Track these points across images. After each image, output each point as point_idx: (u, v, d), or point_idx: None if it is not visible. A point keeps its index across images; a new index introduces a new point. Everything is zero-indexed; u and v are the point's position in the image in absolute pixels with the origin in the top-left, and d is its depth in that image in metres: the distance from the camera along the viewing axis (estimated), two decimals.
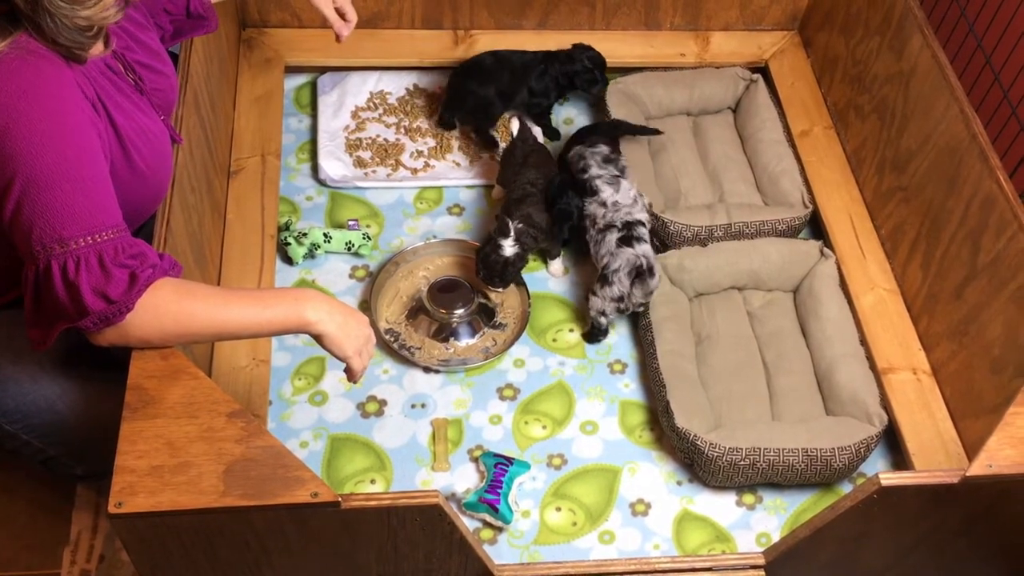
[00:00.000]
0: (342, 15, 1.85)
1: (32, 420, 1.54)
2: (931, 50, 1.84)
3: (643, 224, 1.87)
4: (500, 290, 1.89)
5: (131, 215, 1.34)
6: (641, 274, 1.80)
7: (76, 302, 1.22)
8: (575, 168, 1.95)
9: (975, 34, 1.96)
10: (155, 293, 1.24)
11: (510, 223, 1.85)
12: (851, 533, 1.35)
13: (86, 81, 1.32)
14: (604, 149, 1.95)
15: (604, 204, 1.88)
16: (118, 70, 1.42)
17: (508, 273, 1.85)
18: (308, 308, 1.35)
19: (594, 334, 1.87)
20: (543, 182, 1.94)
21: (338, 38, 1.86)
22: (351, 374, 1.44)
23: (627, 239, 1.83)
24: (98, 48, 1.36)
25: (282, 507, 1.16)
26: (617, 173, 1.92)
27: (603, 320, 1.85)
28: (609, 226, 1.85)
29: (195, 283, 1.36)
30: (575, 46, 2.16)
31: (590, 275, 1.93)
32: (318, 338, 1.38)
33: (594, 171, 1.92)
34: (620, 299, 1.81)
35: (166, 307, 1.25)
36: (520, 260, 1.86)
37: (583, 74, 2.13)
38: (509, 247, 1.84)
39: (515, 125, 2.06)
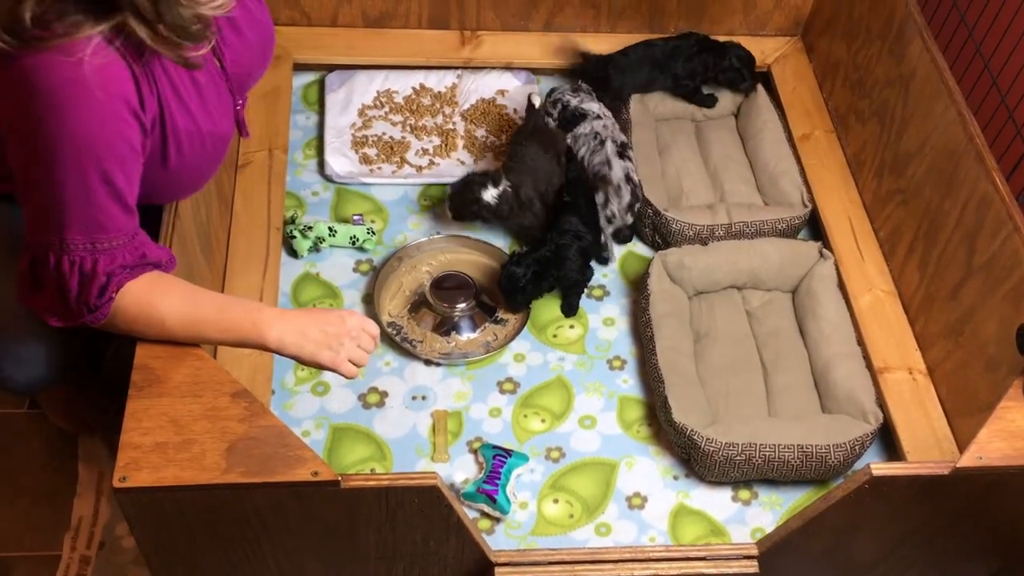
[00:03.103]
0: None
1: None
2: (930, 54, 1.87)
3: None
4: (454, 221, 1.96)
5: (149, 198, 1.35)
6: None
7: (61, 297, 1.24)
8: (554, 112, 2.05)
9: (974, 40, 1.99)
10: (121, 299, 1.26)
11: (504, 178, 1.89)
12: (843, 524, 1.37)
13: (150, 82, 1.27)
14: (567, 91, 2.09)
15: (600, 117, 2.00)
16: (206, 57, 1.36)
17: (472, 212, 1.89)
18: (269, 333, 1.33)
19: (604, 260, 1.99)
20: (544, 161, 1.97)
21: None
22: (343, 374, 1.41)
23: (621, 154, 1.98)
24: (203, 45, 1.29)
25: (283, 485, 1.18)
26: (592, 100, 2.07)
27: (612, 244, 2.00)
28: (609, 139, 1.99)
29: (160, 294, 1.30)
30: (728, 42, 2.21)
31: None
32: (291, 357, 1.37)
33: (573, 101, 2.04)
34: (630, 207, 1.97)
35: (125, 314, 1.27)
36: (488, 213, 1.89)
37: (728, 71, 2.19)
38: (489, 193, 1.88)
39: (536, 101, 2.09)
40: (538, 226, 1.95)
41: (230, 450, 1.19)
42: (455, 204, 1.93)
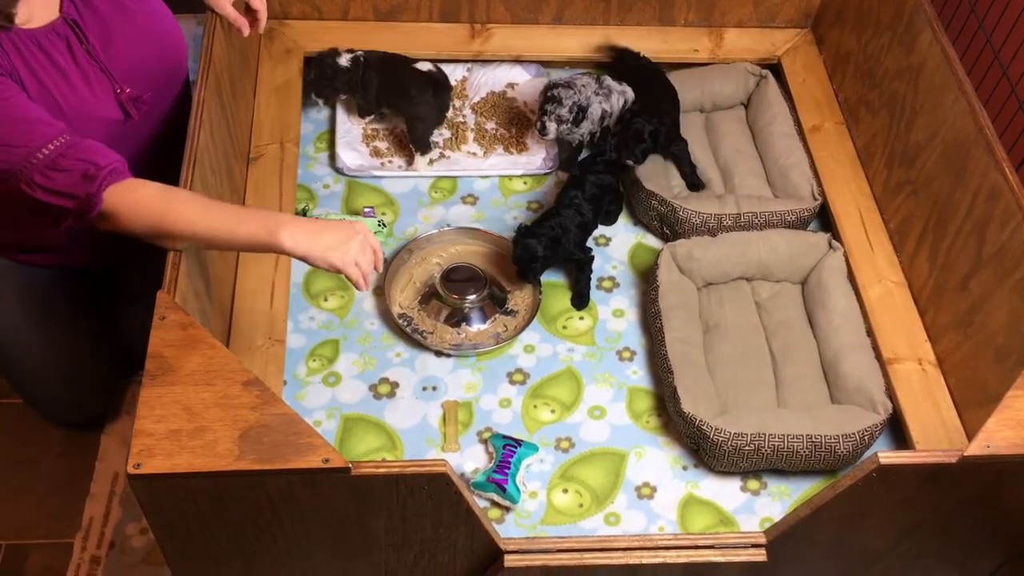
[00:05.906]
0: (251, 10, 1.82)
1: None
2: (940, 45, 1.87)
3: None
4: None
5: None
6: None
7: (49, 202, 1.35)
8: (569, 117, 2.05)
9: (984, 30, 1.99)
10: (139, 190, 1.36)
11: (357, 53, 2.14)
12: (851, 512, 1.37)
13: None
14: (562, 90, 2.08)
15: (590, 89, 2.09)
16: (66, 39, 1.48)
17: (329, 73, 2.11)
18: (282, 232, 1.40)
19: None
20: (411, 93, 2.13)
21: (241, 31, 1.82)
22: (354, 282, 1.49)
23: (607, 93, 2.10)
24: (47, 11, 1.42)
25: (294, 472, 1.20)
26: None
27: None
28: (615, 92, 2.10)
29: (178, 189, 1.43)
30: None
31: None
32: (302, 259, 1.44)
33: (580, 98, 2.06)
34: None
35: (148, 204, 1.36)
36: (339, 76, 2.12)
37: None
38: (343, 58, 2.12)
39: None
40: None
41: (242, 437, 1.21)
42: (314, 64, 2.14)
